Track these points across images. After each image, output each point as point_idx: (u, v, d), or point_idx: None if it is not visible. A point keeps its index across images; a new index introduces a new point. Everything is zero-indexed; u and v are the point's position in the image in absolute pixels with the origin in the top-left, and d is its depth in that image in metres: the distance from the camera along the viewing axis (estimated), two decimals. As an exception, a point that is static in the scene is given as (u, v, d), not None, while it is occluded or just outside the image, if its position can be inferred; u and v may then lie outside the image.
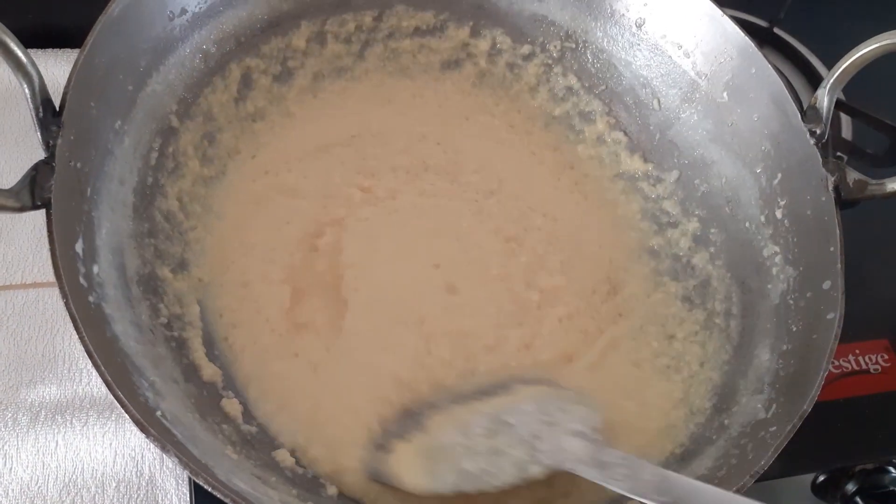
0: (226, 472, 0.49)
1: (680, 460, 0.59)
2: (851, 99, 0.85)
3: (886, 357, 0.78)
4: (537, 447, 0.55)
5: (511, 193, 0.75)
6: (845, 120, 0.89)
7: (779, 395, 0.58)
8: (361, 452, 0.59)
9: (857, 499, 0.73)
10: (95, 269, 0.53)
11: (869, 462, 0.73)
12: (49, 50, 0.83)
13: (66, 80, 0.54)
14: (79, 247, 0.52)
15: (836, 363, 0.77)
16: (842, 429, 0.72)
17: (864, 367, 0.77)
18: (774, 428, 0.54)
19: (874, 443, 0.73)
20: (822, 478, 0.74)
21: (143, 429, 0.45)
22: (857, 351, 0.78)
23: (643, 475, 0.51)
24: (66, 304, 0.47)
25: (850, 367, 0.77)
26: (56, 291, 0.70)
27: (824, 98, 0.63)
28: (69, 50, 0.83)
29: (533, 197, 0.75)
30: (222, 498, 0.45)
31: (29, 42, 0.51)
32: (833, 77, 0.63)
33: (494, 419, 0.58)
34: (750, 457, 0.54)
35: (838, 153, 0.83)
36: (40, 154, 0.51)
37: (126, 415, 0.46)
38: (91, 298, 0.51)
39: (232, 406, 0.58)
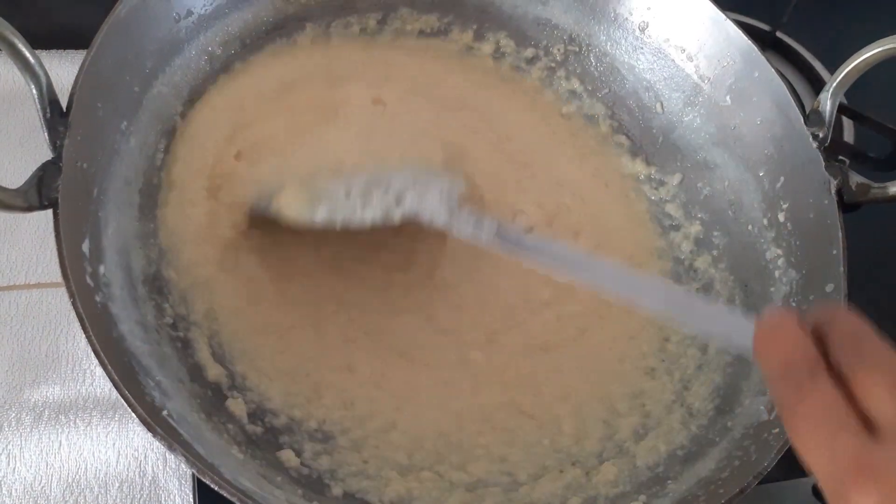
0: (231, 471, 0.49)
1: (682, 462, 0.59)
2: (854, 103, 0.85)
3: (888, 360, 0.78)
4: (404, 198, 0.62)
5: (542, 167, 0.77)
6: (848, 124, 0.89)
7: (781, 398, 0.57)
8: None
9: (859, 502, 0.72)
10: (102, 269, 0.53)
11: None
12: (55, 51, 0.83)
13: (73, 80, 0.54)
14: (85, 247, 0.52)
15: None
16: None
17: (865, 370, 0.77)
18: (777, 430, 0.54)
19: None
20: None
21: (149, 428, 0.45)
22: (859, 354, 0.78)
23: (486, 223, 0.58)
24: (74, 304, 0.48)
25: (851, 371, 0.77)
26: (60, 291, 0.70)
27: (827, 102, 0.64)
28: (75, 51, 0.84)
29: (561, 174, 0.77)
30: (229, 497, 0.45)
31: (36, 43, 0.51)
32: (836, 81, 0.63)
33: (374, 179, 0.64)
34: (753, 458, 0.54)
35: (840, 157, 0.83)
36: (47, 154, 0.51)
37: (132, 414, 0.46)
38: (97, 298, 0.51)
39: (237, 406, 0.58)
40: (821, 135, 0.63)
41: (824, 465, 0.34)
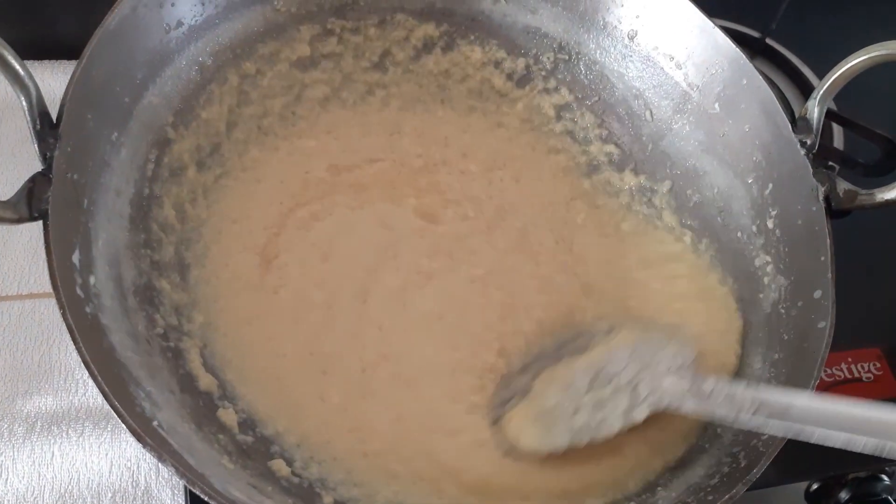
0: (222, 481, 0.49)
1: (672, 469, 0.59)
2: (843, 109, 0.85)
3: (878, 365, 0.78)
4: (638, 391, 0.58)
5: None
6: (837, 130, 0.90)
7: (770, 405, 0.58)
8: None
9: (851, 507, 0.73)
10: (92, 279, 0.53)
11: (862, 470, 0.73)
12: (45, 61, 0.83)
13: (64, 92, 0.54)
14: (76, 258, 0.52)
15: (829, 372, 0.77)
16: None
17: (856, 375, 0.78)
18: (766, 436, 0.54)
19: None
20: (815, 486, 0.74)
21: (139, 439, 0.45)
22: (850, 359, 0.78)
23: (740, 397, 0.54)
24: (64, 315, 0.48)
25: (842, 376, 0.77)
26: (52, 302, 0.70)
27: (814, 109, 0.64)
28: (65, 61, 0.84)
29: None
30: (218, 508, 0.45)
31: (25, 53, 0.51)
32: (823, 88, 0.63)
33: (593, 372, 0.61)
34: (742, 465, 0.54)
35: (830, 163, 0.83)
36: (37, 166, 0.51)
37: (123, 425, 0.46)
38: (88, 309, 0.51)
39: (228, 416, 0.58)
40: (809, 141, 0.63)
41: None
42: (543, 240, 0.74)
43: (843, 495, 0.73)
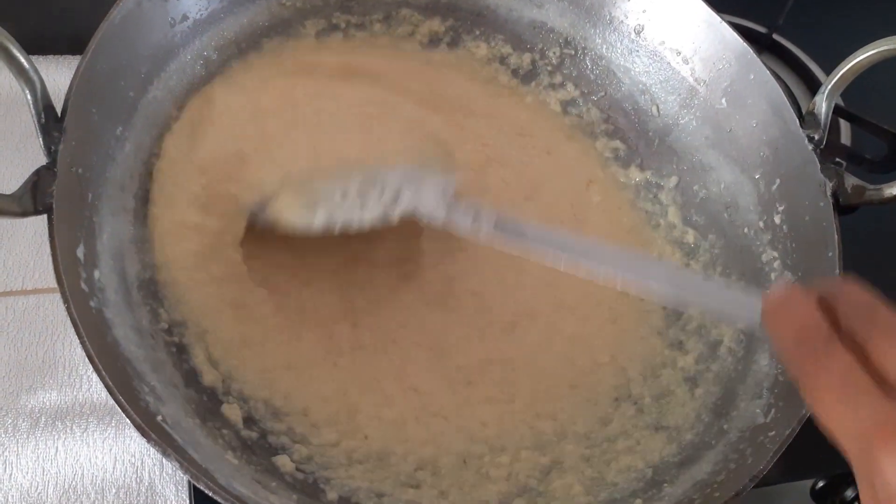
0: (226, 476, 0.48)
1: (678, 465, 0.59)
2: (850, 104, 0.85)
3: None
4: (401, 196, 0.62)
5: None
6: (844, 125, 0.89)
7: (778, 400, 0.58)
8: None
9: (857, 504, 0.73)
10: (97, 274, 0.53)
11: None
12: (50, 56, 0.83)
13: (68, 86, 0.54)
14: (80, 252, 0.52)
15: (834, 367, 0.76)
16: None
17: (863, 372, 0.77)
18: (773, 432, 0.54)
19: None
20: (821, 483, 0.74)
21: (143, 433, 0.45)
22: (857, 356, 0.78)
23: (486, 214, 0.58)
24: (68, 309, 0.47)
25: (849, 372, 0.77)
26: (56, 297, 0.70)
27: (822, 104, 0.64)
28: (70, 56, 0.84)
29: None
30: (223, 502, 0.45)
31: (30, 48, 0.51)
32: (831, 83, 0.63)
33: (369, 178, 0.63)
34: (749, 461, 0.54)
35: (837, 159, 0.83)
36: (41, 159, 0.51)
37: (127, 420, 0.46)
38: (92, 303, 0.51)
39: (232, 411, 0.57)
40: (816, 137, 0.63)
41: (848, 428, 0.35)
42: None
43: (850, 493, 0.73)
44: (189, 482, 0.63)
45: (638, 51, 0.75)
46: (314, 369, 0.63)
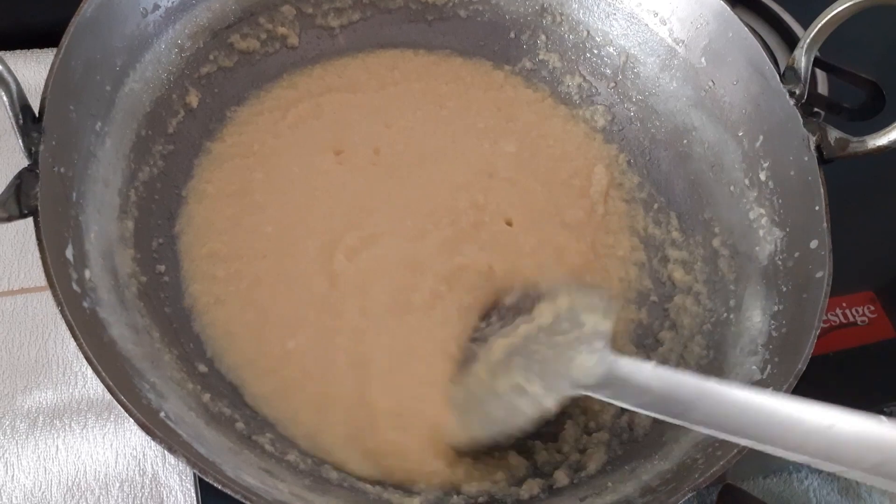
0: (234, 468, 0.49)
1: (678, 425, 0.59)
2: (827, 54, 0.85)
3: (872, 308, 0.79)
4: (547, 377, 0.55)
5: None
6: (821, 75, 0.89)
7: (773, 356, 0.58)
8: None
9: (852, 450, 0.73)
10: (87, 273, 0.53)
11: (861, 413, 0.74)
12: (19, 51, 0.82)
13: (44, 83, 0.53)
14: (69, 253, 0.52)
15: (825, 318, 0.77)
16: (833, 382, 0.73)
17: (851, 319, 0.78)
18: (771, 388, 0.55)
19: (866, 393, 0.74)
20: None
21: (148, 431, 0.45)
22: (844, 304, 0.79)
23: (649, 388, 0.50)
24: (62, 312, 0.47)
25: (837, 321, 0.78)
26: (44, 296, 0.70)
27: (801, 58, 0.64)
28: (38, 50, 0.82)
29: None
30: (233, 495, 0.45)
31: (-1, 45, 0.51)
32: (809, 37, 0.63)
33: (516, 351, 0.58)
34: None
35: (815, 109, 0.83)
36: (20, 161, 0.51)
37: (130, 418, 0.45)
38: (85, 304, 0.51)
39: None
40: (797, 91, 0.63)
41: None
42: None
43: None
44: (194, 472, 0.63)
45: (615, 14, 0.75)
46: None
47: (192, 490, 0.64)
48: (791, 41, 0.89)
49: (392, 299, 0.63)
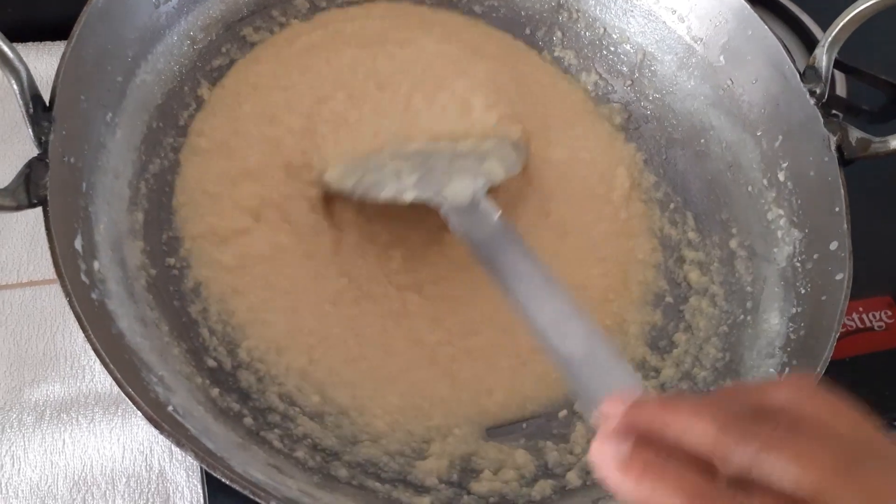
0: (242, 463, 0.48)
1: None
2: (846, 56, 0.84)
3: (890, 314, 0.78)
4: (427, 179, 0.61)
5: None
6: (840, 77, 0.89)
7: (791, 359, 0.58)
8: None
9: (866, 457, 0.73)
10: (96, 265, 0.52)
11: (877, 420, 0.73)
12: (31, 44, 0.81)
13: (55, 74, 0.53)
14: (78, 243, 0.51)
15: (841, 322, 0.77)
16: (849, 388, 0.71)
17: (868, 324, 0.77)
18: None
19: (882, 400, 0.73)
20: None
21: (156, 425, 0.45)
22: (861, 308, 0.78)
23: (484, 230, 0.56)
24: (70, 303, 0.47)
25: (854, 326, 0.77)
26: (53, 288, 0.69)
27: (822, 57, 0.63)
28: (51, 43, 0.82)
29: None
30: (240, 490, 0.45)
31: (12, 36, 0.50)
32: (831, 36, 0.62)
33: (422, 153, 0.64)
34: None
35: (834, 111, 0.82)
36: (30, 150, 0.50)
37: (138, 412, 0.45)
38: (94, 295, 0.50)
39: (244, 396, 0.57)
40: (818, 91, 0.63)
41: None
42: None
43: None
44: (201, 467, 0.62)
45: (632, 11, 0.75)
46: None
47: (199, 486, 0.63)
48: (809, 42, 0.88)
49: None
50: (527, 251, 0.53)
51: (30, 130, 0.50)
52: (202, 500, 0.62)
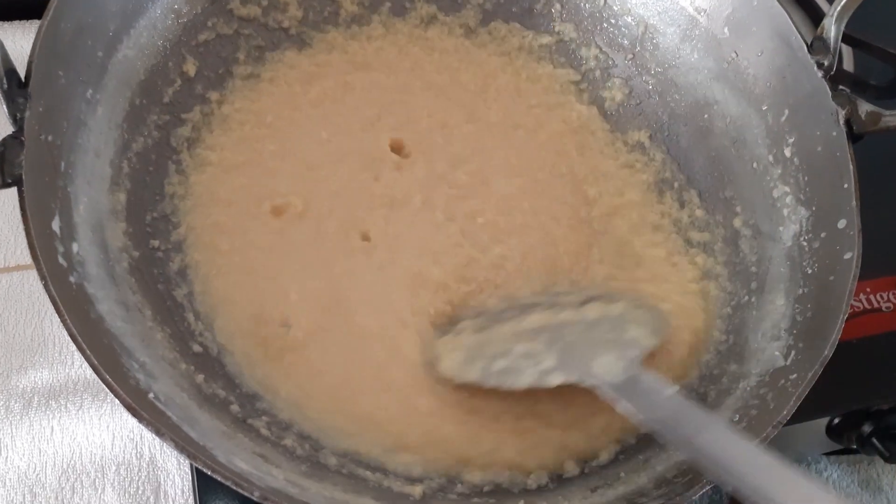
0: (226, 452, 0.47)
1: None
2: (853, 29, 0.82)
3: (898, 294, 0.77)
4: (569, 358, 0.55)
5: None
6: (847, 51, 0.87)
7: (797, 341, 0.56)
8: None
9: (874, 440, 0.72)
10: (75, 247, 0.51)
11: (885, 402, 0.72)
12: (13, 22, 0.80)
13: (31, 48, 0.51)
14: (55, 225, 0.50)
15: (848, 303, 0.76)
16: (857, 370, 0.71)
17: (876, 305, 0.76)
18: (795, 375, 0.53)
19: (890, 382, 0.72)
20: (836, 420, 0.73)
21: (134, 413, 0.44)
22: (868, 289, 0.77)
23: (662, 407, 0.51)
24: (46, 286, 0.45)
25: (861, 307, 0.76)
26: (42, 273, 0.69)
27: (831, 28, 0.62)
28: (29, 22, 0.81)
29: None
30: (223, 481, 0.43)
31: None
32: (840, 5, 0.61)
33: (540, 327, 0.58)
34: (771, 406, 0.53)
35: (840, 86, 0.81)
36: (7, 128, 0.49)
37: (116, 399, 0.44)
38: (72, 279, 0.49)
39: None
40: (826, 63, 0.61)
41: None
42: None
43: (866, 428, 0.72)
44: (189, 456, 0.62)
45: (634, -19, 0.73)
46: None
47: (190, 473, 0.63)
48: (815, 16, 0.87)
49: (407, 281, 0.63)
50: (729, 428, 0.49)
51: (4, 107, 0.49)
52: (193, 488, 0.62)
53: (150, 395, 0.47)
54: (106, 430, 0.64)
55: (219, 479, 0.43)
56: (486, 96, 0.74)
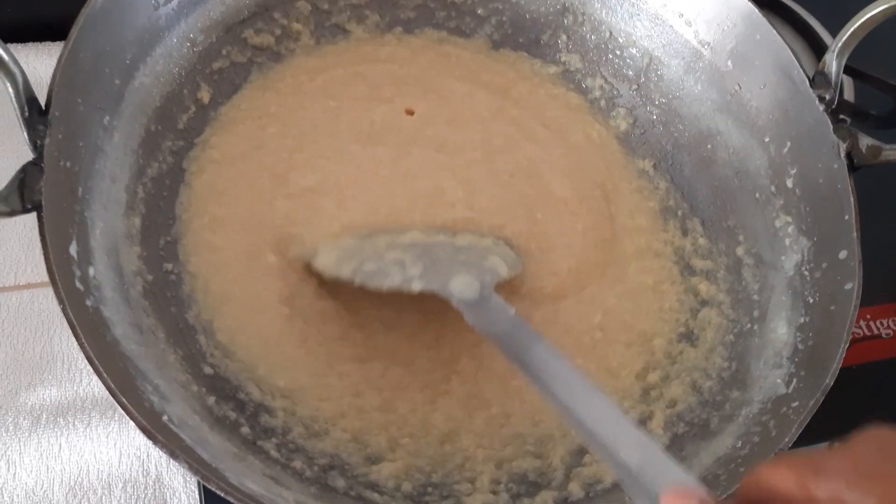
0: (237, 474, 0.48)
1: (700, 440, 0.58)
2: (855, 60, 0.83)
3: (897, 321, 0.78)
4: (431, 271, 0.60)
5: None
6: (847, 81, 0.88)
7: (799, 369, 0.57)
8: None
9: (873, 466, 0.72)
10: (91, 271, 0.52)
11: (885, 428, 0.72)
12: (30, 44, 0.81)
13: (51, 76, 0.52)
14: (73, 249, 0.51)
15: (848, 329, 0.76)
16: (857, 395, 0.72)
17: (875, 332, 0.77)
18: (797, 403, 0.54)
19: (890, 408, 0.73)
20: (836, 445, 0.74)
21: (149, 435, 0.44)
22: (868, 316, 0.78)
23: (502, 324, 0.55)
24: (64, 310, 0.46)
25: (861, 333, 0.77)
26: (50, 292, 0.68)
27: (832, 63, 0.62)
28: (49, 43, 0.81)
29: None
30: (235, 503, 0.44)
31: (7, 37, 0.50)
32: (841, 41, 0.62)
33: (421, 245, 0.63)
34: (773, 433, 0.53)
35: (841, 116, 0.82)
36: (26, 155, 0.50)
37: (131, 421, 0.44)
38: (89, 302, 0.50)
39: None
40: (827, 97, 0.62)
41: None
42: None
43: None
44: (197, 476, 0.62)
45: (639, 14, 0.74)
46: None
47: (196, 492, 0.63)
48: (817, 47, 0.88)
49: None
50: (555, 351, 0.52)
51: (25, 134, 0.50)
52: (199, 507, 0.62)
53: (165, 418, 0.48)
54: (113, 448, 0.63)
55: (231, 500, 0.44)
56: (509, 96, 0.75)
